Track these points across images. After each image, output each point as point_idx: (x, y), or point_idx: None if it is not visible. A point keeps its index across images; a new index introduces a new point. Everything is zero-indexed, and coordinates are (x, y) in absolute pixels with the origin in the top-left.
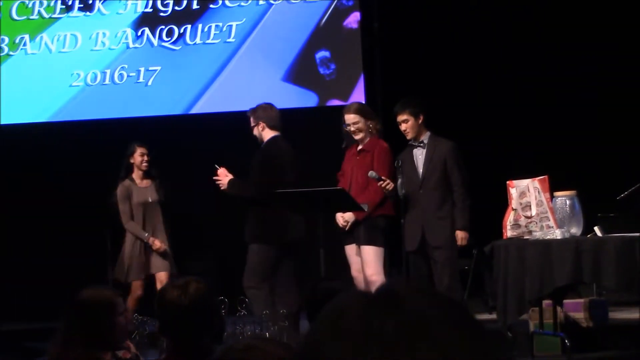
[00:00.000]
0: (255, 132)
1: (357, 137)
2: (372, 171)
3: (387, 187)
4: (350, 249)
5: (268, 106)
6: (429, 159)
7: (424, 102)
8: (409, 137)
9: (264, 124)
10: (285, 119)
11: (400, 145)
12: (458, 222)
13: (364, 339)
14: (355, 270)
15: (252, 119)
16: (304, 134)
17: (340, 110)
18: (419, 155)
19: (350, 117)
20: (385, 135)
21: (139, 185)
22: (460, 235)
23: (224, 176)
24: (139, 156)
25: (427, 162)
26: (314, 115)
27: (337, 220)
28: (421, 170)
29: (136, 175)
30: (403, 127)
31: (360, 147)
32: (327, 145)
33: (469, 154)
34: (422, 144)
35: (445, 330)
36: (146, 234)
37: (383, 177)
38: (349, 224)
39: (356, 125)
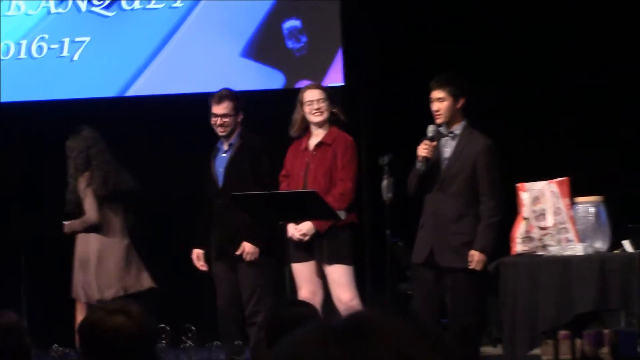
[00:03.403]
0: (231, 123)
1: (318, 119)
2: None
3: (423, 151)
4: (302, 268)
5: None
6: (457, 156)
7: (468, 84)
8: (439, 120)
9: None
10: (245, 103)
11: (388, 139)
12: (478, 242)
13: None
14: (308, 292)
15: (230, 106)
16: (268, 122)
17: None
18: (447, 147)
19: (315, 93)
20: (375, 127)
21: None
22: (477, 258)
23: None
24: None
25: (454, 160)
26: (280, 99)
27: (291, 234)
28: (444, 168)
29: None
30: (436, 106)
31: (316, 140)
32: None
33: None
34: (451, 134)
35: None
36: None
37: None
38: (308, 237)
39: (323, 104)
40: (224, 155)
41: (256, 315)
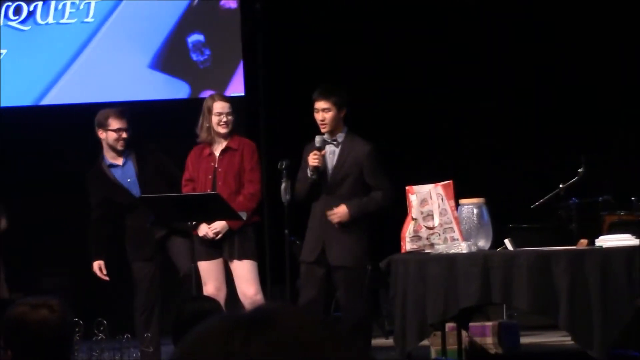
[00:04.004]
0: (129, 137)
1: (225, 131)
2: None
3: (314, 161)
4: (209, 265)
5: None
6: (341, 162)
7: (348, 95)
8: (325, 129)
9: None
10: (153, 111)
11: (285, 146)
12: (352, 203)
13: None
14: (214, 288)
15: (127, 121)
16: (174, 129)
17: None
18: (330, 154)
19: (225, 106)
20: (270, 133)
21: None
22: (340, 210)
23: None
24: None
25: (339, 166)
26: (185, 107)
27: (203, 232)
28: (330, 174)
29: None
30: (321, 116)
31: (221, 146)
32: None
33: None
34: (335, 142)
35: (320, 355)
36: None
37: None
38: (221, 235)
39: (230, 117)
40: (123, 167)
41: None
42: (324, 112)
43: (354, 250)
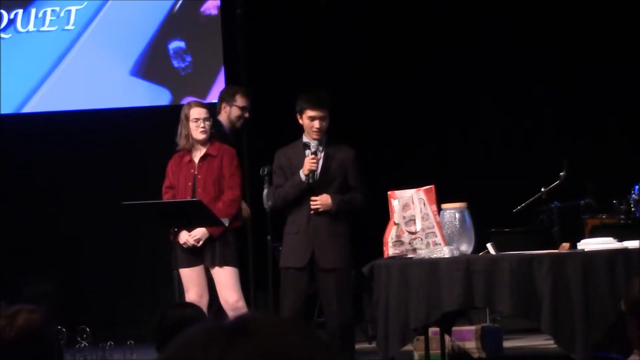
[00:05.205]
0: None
1: (203, 137)
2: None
3: (313, 165)
4: (190, 272)
5: None
6: (327, 167)
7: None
8: (319, 137)
9: None
10: (135, 118)
11: (267, 152)
12: (337, 197)
13: None
14: (196, 295)
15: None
16: (156, 136)
17: None
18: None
19: (202, 112)
20: (251, 140)
21: None
22: (324, 199)
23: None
24: None
25: (325, 168)
26: (166, 114)
27: (184, 240)
28: (316, 177)
29: None
30: (318, 125)
31: (200, 153)
32: None
33: None
34: (320, 148)
35: None
36: None
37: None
38: (202, 242)
39: (207, 122)
40: None
41: None
42: (321, 120)
43: (345, 253)
